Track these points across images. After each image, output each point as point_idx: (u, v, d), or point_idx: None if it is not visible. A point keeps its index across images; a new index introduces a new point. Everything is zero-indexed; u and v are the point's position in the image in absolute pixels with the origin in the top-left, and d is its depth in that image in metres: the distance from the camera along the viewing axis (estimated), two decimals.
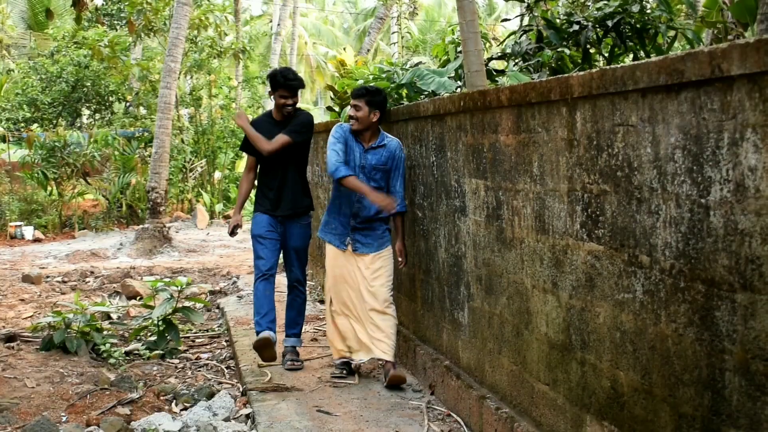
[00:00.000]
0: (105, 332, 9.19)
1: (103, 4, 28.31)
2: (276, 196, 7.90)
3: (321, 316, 10.10)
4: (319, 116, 44.88)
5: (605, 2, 8.30)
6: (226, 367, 8.47)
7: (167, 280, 10.89)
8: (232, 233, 8.24)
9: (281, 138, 7.70)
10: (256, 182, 8.25)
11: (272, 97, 7.90)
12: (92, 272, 15.13)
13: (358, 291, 7.36)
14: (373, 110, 7.21)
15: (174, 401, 7.26)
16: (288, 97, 7.78)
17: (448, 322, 6.77)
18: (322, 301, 11.08)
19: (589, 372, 4.49)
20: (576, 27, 8.22)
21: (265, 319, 7.65)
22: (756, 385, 3.17)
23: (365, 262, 7.34)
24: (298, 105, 8.00)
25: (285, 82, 7.71)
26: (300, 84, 7.85)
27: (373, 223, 7.34)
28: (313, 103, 53.49)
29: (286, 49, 38.70)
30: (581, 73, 4.36)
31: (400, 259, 7.39)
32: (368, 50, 26.88)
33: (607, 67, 4.13)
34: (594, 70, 4.22)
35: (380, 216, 7.26)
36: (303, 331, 8.26)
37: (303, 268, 8.18)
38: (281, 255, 8.08)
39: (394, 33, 36.07)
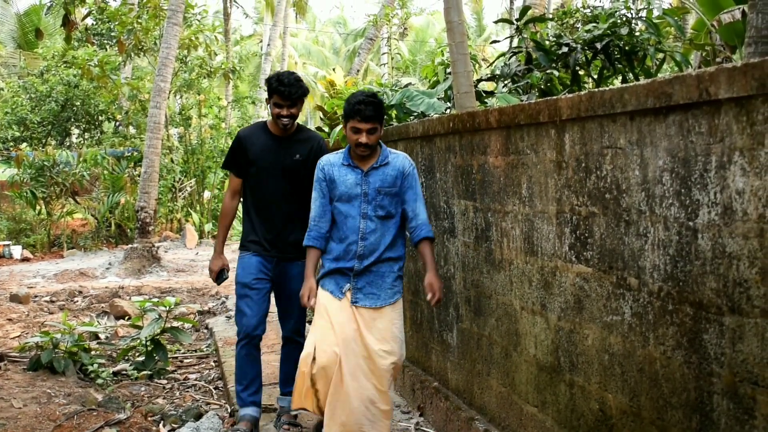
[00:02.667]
0: (93, 352, 9.15)
1: (93, 24, 28.33)
2: (272, 232, 6.43)
3: None
4: None
5: (594, 25, 8.34)
6: (215, 388, 8.43)
7: (156, 300, 10.86)
8: (218, 280, 6.71)
9: None
10: (241, 209, 6.71)
11: (268, 106, 6.48)
12: (80, 292, 15.07)
13: (353, 354, 5.65)
14: (382, 125, 5.71)
15: (162, 422, 7.21)
16: (282, 106, 6.23)
17: (436, 343, 6.76)
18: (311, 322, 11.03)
19: (578, 394, 4.49)
20: (565, 49, 8.26)
21: (248, 391, 6.56)
22: (744, 409, 3.17)
23: (364, 318, 5.68)
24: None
25: (278, 87, 6.19)
26: (299, 92, 6.22)
27: (382, 266, 5.73)
28: (303, 122, 53.55)
29: (276, 69, 38.74)
30: (570, 95, 4.37)
31: (430, 296, 5.57)
32: (358, 70, 26.90)
33: (596, 89, 4.14)
34: (582, 93, 4.24)
35: (392, 256, 5.76)
36: None
37: (304, 317, 6.68)
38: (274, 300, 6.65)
39: (384, 54, 36.18)
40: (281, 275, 6.51)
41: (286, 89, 6.20)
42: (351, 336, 5.65)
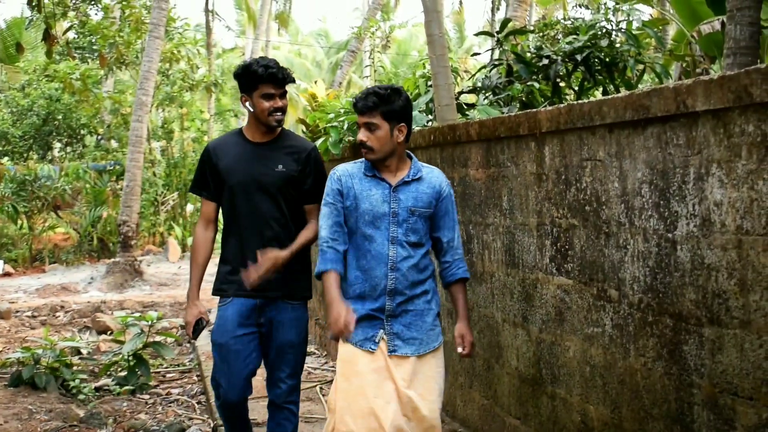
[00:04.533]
0: (75, 368, 9.09)
1: (74, 38, 28.28)
2: (245, 261, 5.00)
3: None
4: None
5: (574, 37, 8.38)
6: (197, 403, 8.40)
7: (138, 314, 10.81)
8: (195, 333, 5.19)
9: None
10: (221, 239, 5.32)
11: (246, 104, 5.07)
12: (62, 307, 15.01)
13: (391, 417, 4.40)
14: (395, 125, 4.43)
15: None
16: (274, 96, 4.97)
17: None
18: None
19: (560, 406, 4.49)
20: (545, 61, 8.28)
21: None
22: (724, 419, 3.18)
23: (405, 370, 4.47)
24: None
25: (268, 72, 4.91)
26: (290, 74, 5.06)
27: (419, 303, 4.53)
28: None
29: None
30: (549, 108, 4.40)
31: (461, 349, 4.56)
32: (340, 83, 26.93)
33: (575, 102, 4.17)
34: (562, 106, 4.26)
35: (427, 289, 4.57)
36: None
37: (297, 377, 5.26)
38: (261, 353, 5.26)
39: (366, 66, 36.23)
40: (267, 323, 5.10)
41: (279, 72, 4.95)
42: (391, 397, 4.43)
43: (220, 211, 5.26)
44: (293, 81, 5.06)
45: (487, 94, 8.75)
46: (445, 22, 39.97)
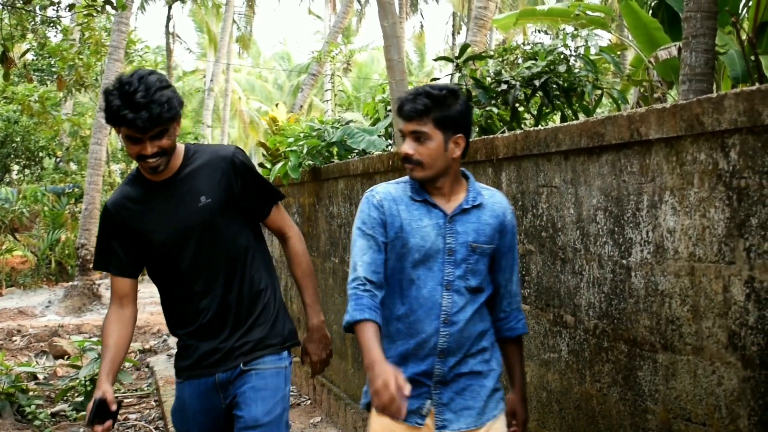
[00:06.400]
0: (31, 393, 9.01)
1: (33, 60, 28.10)
2: (206, 336, 3.94)
3: None
4: None
5: (533, 62, 8.44)
6: (155, 428, 8.34)
7: (95, 339, 10.74)
8: (90, 417, 3.73)
9: (290, 233, 4.17)
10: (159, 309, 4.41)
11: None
12: (19, 331, 14.87)
13: None
14: (450, 135, 3.45)
15: None
16: (139, 141, 3.63)
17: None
18: None
19: None
20: (504, 86, 8.33)
21: None
22: None
23: None
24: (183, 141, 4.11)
25: (121, 113, 3.56)
26: (160, 112, 3.56)
27: (476, 363, 3.54)
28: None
29: (219, 104, 38.72)
30: (506, 134, 4.43)
31: (513, 430, 3.67)
32: (301, 106, 26.93)
33: (531, 129, 4.20)
34: (518, 132, 4.29)
35: (486, 346, 3.57)
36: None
37: None
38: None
39: (327, 90, 36.29)
40: (231, 399, 3.97)
41: (138, 116, 3.54)
42: None
43: (150, 278, 4.17)
44: (173, 112, 3.64)
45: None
46: (406, 45, 40.19)
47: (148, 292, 20.92)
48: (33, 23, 16.35)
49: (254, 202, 4.00)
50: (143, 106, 3.52)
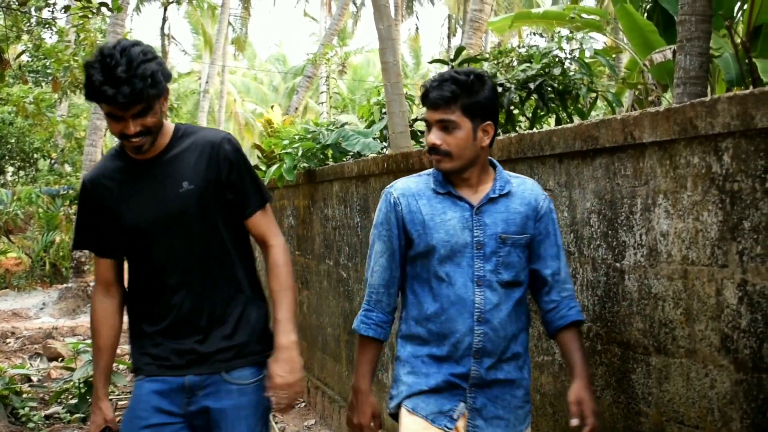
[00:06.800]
0: (24, 395, 8.99)
1: (28, 61, 28.08)
2: (176, 332, 3.56)
3: None
4: None
5: (528, 65, 8.45)
6: None
7: (89, 341, 10.73)
8: None
9: (274, 242, 3.66)
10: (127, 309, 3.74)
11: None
12: (13, 333, 14.84)
13: None
14: (479, 123, 3.32)
15: None
16: (120, 119, 3.31)
17: (373, 383, 6.74)
18: None
19: None
20: (499, 89, 8.34)
21: None
22: None
23: None
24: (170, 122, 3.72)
25: (102, 88, 3.21)
26: (143, 87, 3.22)
27: (510, 369, 3.40)
28: None
29: (214, 106, 38.70)
30: (500, 137, 4.43)
31: (576, 420, 3.25)
32: (296, 108, 26.96)
33: (525, 132, 4.21)
34: (512, 135, 4.29)
35: (519, 351, 3.42)
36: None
37: None
38: None
39: (322, 92, 36.29)
40: (201, 415, 3.56)
41: (118, 91, 3.21)
42: None
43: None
44: (158, 87, 3.33)
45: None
46: (402, 47, 40.21)
47: None
48: (28, 24, 16.34)
49: (240, 196, 3.59)
50: (125, 81, 3.20)
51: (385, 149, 8.42)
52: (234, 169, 3.57)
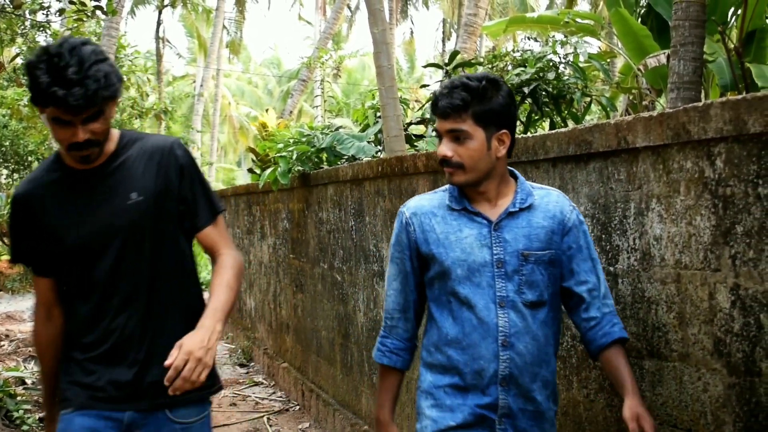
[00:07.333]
0: (19, 398, 8.98)
1: (22, 64, 28.07)
2: (116, 361, 3.16)
3: (240, 380, 10.00)
4: (242, 178, 44.73)
5: (522, 69, 8.47)
6: None
7: None
8: None
9: (223, 251, 3.31)
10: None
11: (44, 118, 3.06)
12: (7, 336, 14.81)
13: None
14: (493, 132, 3.08)
15: None
16: (69, 124, 2.95)
17: (367, 386, 6.76)
18: (242, 365, 10.98)
19: None
20: None
21: None
22: None
23: None
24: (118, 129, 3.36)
25: (50, 89, 2.86)
26: (97, 88, 2.90)
27: (538, 396, 3.11)
28: (237, 164, 53.34)
29: (209, 109, 38.72)
30: None
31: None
32: (291, 112, 26.93)
33: (519, 136, 4.21)
34: None
35: (547, 376, 3.14)
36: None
37: None
38: None
39: (317, 96, 36.29)
40: None
41: (70, 93, 2.87)
42: None
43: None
44: (112, 89, 2.98)
45: (435, 125, 8.82)
46: (396, 51, 40.24)
47: None
48: (23, 27, 16.34)
49: (192, 207, 3.28)
50: (76, 82, 2.88)
51: (379, 153, 8.44)
52: (186, 177, 3.25)
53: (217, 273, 3.24)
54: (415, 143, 8.57)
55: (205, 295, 3.18)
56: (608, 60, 13.39)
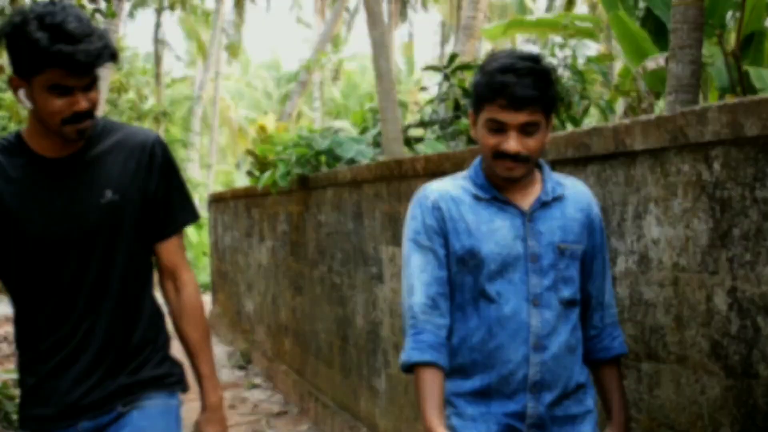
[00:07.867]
0: (17, 400, 8.99)
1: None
2: (75, 376, 2.88)
3: (239, 383, 10.00)
4: (241, 180, 44.68)
5: None
6: None
7: None
8: None
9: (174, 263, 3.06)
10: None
11: (22, 94, 2.73)
12: (6, 338, 14.81)
13: None
14: (549, 119, 2.84)
15: None
16: (72, 90, 2.64)
17: (365, 389, 6.76)
18: (241, 367, 10.98)
19: None
20: None
21: None
22: None
23: None
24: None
25: (55, 46, 2.53)
26: (99, 49, 2.61)
27: (571, 404, 2.87)
28: (236, 166, 53.29)
29: (208, 112, 38.69)
30: None
31: None
32: (290, 114, 26.94)
33: None
34: None
35: (581, 381, 2.90)
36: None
37: None
38: None
39: (316, 99, 36.31)
40: None
41: (76, 49, 2.57)
42: None
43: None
44: (114, 59, 2.70)
45: (434, 129, 8.82)
46: (395, 54, 40.22)
47: None
48: None
49: (166, 211, 3.01)
50: (81, 38, 2.56)
51: (378, 156, 8.45)
52: (164, 178, 2.99)
53: (191, 319, 3.04)
54: (414, 145, 8.58)
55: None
56: (607, 63, 13.40)
